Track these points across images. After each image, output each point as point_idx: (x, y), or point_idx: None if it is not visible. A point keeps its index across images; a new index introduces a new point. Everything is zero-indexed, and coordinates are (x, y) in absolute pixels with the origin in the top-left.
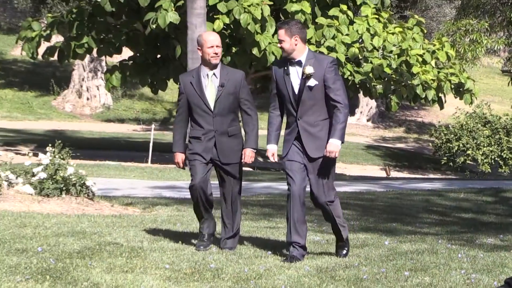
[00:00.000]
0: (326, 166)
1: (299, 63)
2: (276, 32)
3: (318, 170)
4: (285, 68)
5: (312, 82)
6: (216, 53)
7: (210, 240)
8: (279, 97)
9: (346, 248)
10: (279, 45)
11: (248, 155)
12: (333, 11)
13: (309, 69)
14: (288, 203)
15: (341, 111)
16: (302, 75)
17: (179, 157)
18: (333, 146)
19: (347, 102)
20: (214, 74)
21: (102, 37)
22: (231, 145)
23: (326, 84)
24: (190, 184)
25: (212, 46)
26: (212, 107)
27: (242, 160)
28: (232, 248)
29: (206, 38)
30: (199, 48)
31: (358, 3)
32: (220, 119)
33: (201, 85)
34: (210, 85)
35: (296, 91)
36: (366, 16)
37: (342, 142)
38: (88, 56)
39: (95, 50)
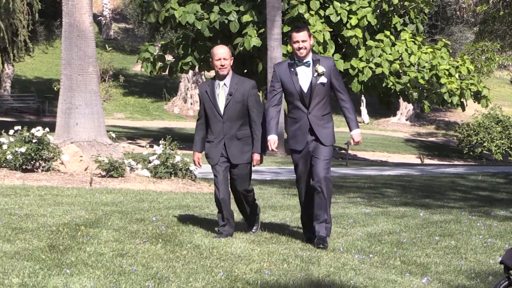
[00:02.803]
0: (328, 151)
1: (306, 64)
2: (335, 51)
3: (323, 155)
4: (292, 69)
5: (323, 79)
6: (223, 65)
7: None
8: (286, 95)
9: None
10: (302, 44)
11: (256, 159)
12: (379, 36)
13: (321, 68)
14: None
15: (348, 104)
16: (314, 74)
17: (196, 156)
18: (359, 135)
19: (348, 97)
20: (224, 83)
21: (202, 56)
22: (240, 147)
23: (332, 82)
24: (214, 197)
25: (220, 59)
26: (222, 113)
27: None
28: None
29: (215, 51)
30: (211, 60)
31: (399, 29)
32: (230, 124)
33: (214, 93)
34: (221, 94)
35: (305, 89)
36: (405, 39)
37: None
38: (191, 71)
39: (197, 67)
